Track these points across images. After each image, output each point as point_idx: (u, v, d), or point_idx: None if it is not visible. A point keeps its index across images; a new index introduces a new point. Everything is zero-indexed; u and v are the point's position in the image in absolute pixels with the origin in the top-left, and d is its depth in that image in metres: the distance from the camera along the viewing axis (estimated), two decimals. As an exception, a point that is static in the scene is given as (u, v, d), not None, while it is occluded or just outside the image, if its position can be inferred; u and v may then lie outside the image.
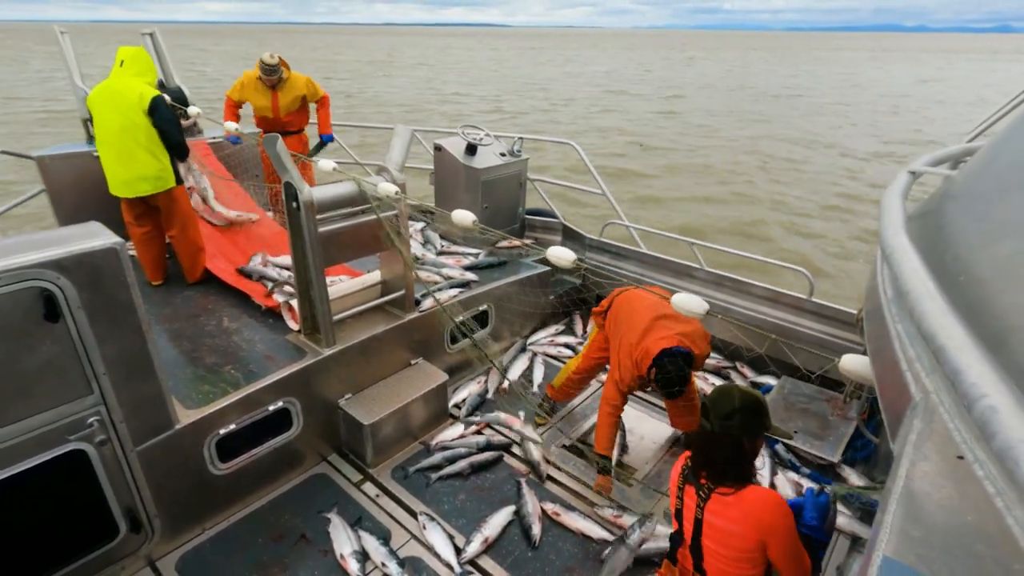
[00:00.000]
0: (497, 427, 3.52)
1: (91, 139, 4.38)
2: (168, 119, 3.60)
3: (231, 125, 4.76)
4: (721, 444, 1.73)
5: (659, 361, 2.66)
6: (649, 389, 3.04)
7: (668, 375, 2.64)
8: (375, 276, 3.54)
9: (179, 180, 3.81)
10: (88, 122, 4.38)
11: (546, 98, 27.21)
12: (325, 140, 5.28)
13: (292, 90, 4.99)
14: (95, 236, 2.08)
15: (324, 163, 3.68)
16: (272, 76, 4.84)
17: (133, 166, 3.54)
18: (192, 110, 4.70)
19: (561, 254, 2.48)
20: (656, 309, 2.92)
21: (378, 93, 27.97)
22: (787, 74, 46.21)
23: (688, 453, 1.93)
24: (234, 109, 5.06)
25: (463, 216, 2.85)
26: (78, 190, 4.16)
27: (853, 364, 1.71)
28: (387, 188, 3.01)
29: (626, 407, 3.74)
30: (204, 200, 4.48)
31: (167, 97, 4.51)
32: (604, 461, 3.02)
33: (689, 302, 2.09)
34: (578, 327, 4.66)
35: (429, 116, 21.53)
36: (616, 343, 2.98)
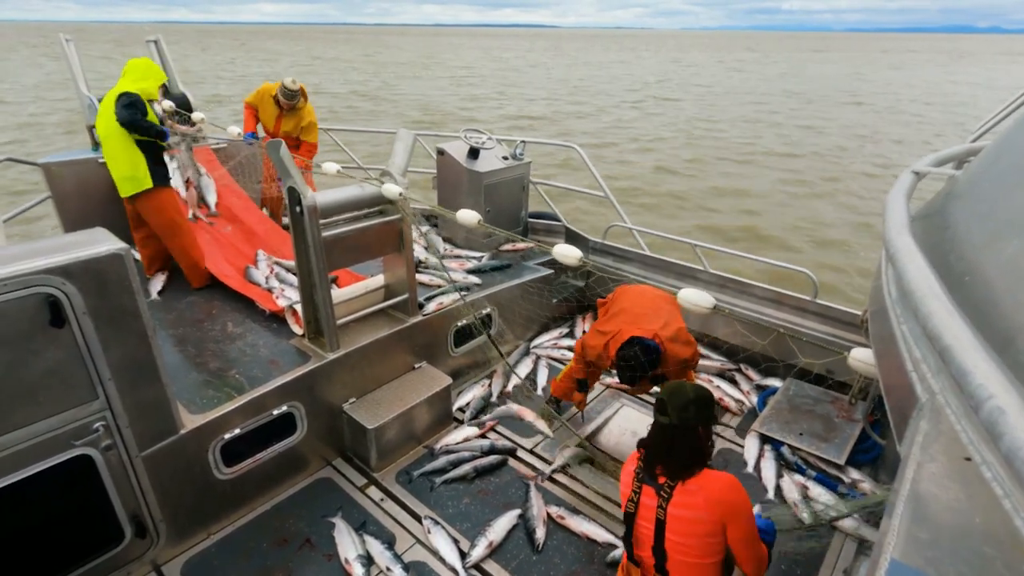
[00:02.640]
0: (501, 431, 3.52)
1: (96, 146, 4.42)
2: (124, 106, 3.51)
3: (233, 129, 4.80)
4: (681, 435, 1.82)
5: (626, 345, 2.72)
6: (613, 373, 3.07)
7: (629, 362, 2.70)
8: (378, 280, 3.55)
9: (160, 183, 3.72)
10: (92, 129, 4.41)
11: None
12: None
13: (296, 120, 5.05)
14: (100, 242, 2.09)
15: (328, 166, 3.70)
16: (291, 101, 4.91)
17: (115, 167, 3.68)
18: (196, 116, 4.74)
19: (567, 251, 2.49)
20: (650, 303, 2.98)
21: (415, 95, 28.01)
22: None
23: (637, 455, 1.97)
24: (253, 113, 5.13)
25: (468, 215, 2.86)
26: (83, 196, 4.18)
27: (865, 356, 1.69)
28: (390, 191, 3.02)
29: (627, 409, 3.76)
30: (202, 200, 4.51)
31: (171, 104, 4.56)
32: (552, 401, 3.40)
33: (696, 297, 2.09)
34: (580, 330, 4.65)
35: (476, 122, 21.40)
36: (600, 320, 3.07)
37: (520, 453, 3.37)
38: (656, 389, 3.26)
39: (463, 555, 2.66)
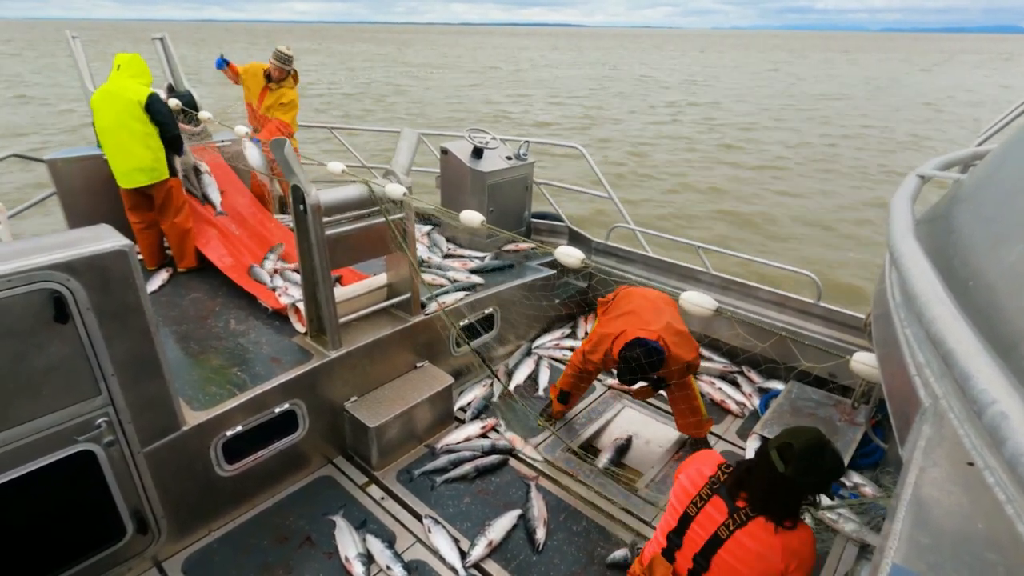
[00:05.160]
0: (502, 431, 3.52)
1: None
2: (165, 113, 3.86)
3: (241, 129, 4.81)
4: (787, 489, 1.68)
5: (629, 346, 2.73)
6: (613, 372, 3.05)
7: (630, 363, 2.71)
8: (381, 279, 3.55)
9: (173, 172, 4.00)
10: None
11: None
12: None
13: (276, 96, 5.13)
14: (104, 238, 2.10)
15: (333, 165, 3.70)
16: (286, 66, 4.99)
17: (129, 159, 3.79)
18: (203, 115, 4.75)
19: (569, 253, 2.49)
20: (653, 304, 2.98)
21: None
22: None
23: (720, 461, 1.89)
24: (235, 71, 5.29)
25: (471, 216, 2.86)
26: (88, 193, 4.20)
27: (868, 360, 1.69)
28: (394, 190, 3.03)
29: (632, 412, 3.76)
30: (207, 199, 4.52)
31: (177, 102, 4.60)
32: (562, 394, 3.31)
33: (698, 299, 2.09)
34: (583, 330, 4.65)
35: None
36: (603, 322, 3.08)
37: (521, 453, 3.37)
38: (663, 393, 3.27)
39: (463, 554, 2.67)
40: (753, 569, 1.73)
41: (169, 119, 3.88)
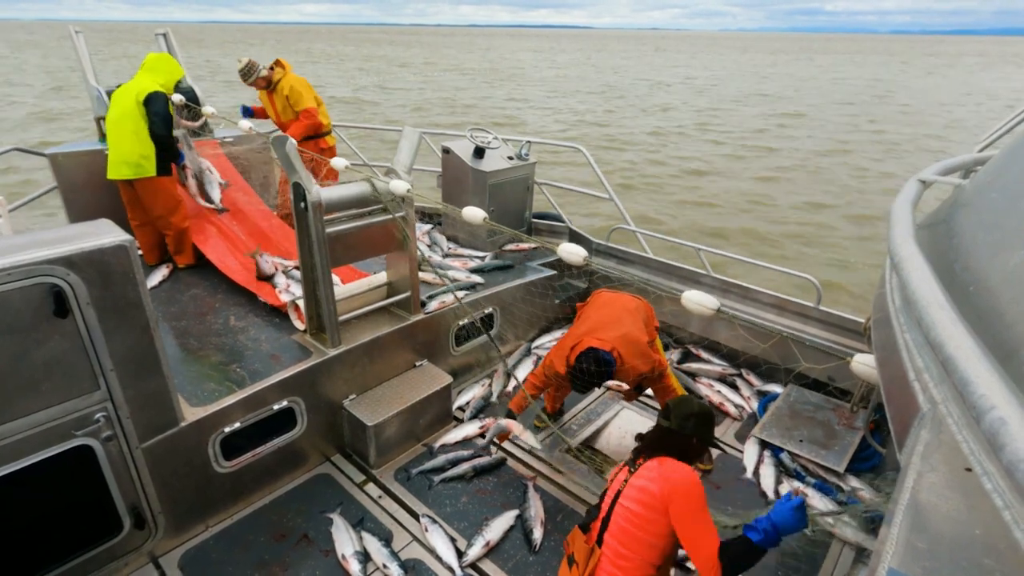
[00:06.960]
0: (495, 444, 3.50)
1: (103, 137, 4.43)
2: (157, 112, 3.83)
3: (245, 123, 4.83)
4: (675, 441, 2.02)
5: (582, 356, 2.78)
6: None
7: (585, 372, 2.78)
8: (381, 277, 3.55)
9: (164, 172, 3.96)
10: (100, 120, 4.43)
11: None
12: None
13: (281, 98, 5.10)
14: (105, 233, 2.10)
15: (336, 162, 3.71)
16: (246, 80, 4.97)
17: (119, 150, 3.81)
18: (206, 110, 4.76)
19: (572, 250, 2.50)
20: (616, 314, 3.01)
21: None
22: None
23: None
24: (259, 109, 5.39)
25: (473, 213, 2.86)
26: (89, 187, 4.20)
27: (869, 361, 1.69)
28: (396, 188, 3.03)
29: (627, 411, 3.75)
30: (203, 189, 4.51)
31: (181, 97, 4.60)
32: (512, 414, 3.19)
33: (700, 298, 2.11)
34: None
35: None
36: (570, 330, 3.11)
37: (519, 453, 3.37)
38: (649, 392, 3.28)
39: (460, 554, 2.67)
40: (639, 503, 1.91)
41: (159, 118, 3.82)
